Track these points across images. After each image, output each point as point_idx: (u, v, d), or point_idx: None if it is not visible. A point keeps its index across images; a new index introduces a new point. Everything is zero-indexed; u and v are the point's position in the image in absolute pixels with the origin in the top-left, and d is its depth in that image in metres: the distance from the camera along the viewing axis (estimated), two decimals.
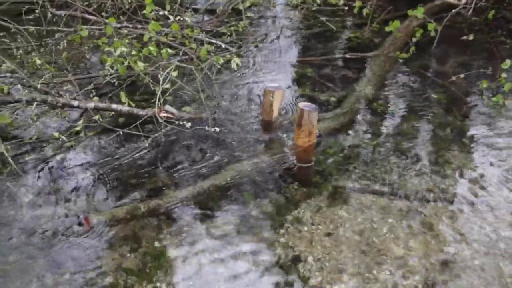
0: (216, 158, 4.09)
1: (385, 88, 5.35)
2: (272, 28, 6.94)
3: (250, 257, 3.16)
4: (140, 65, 4.54)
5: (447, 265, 3.10)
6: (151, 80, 4.58)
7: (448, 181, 3.85)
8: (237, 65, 4.70)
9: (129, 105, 4.46)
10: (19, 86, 4.58)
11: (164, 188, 3.74)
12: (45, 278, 2.98)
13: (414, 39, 5.65)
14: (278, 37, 6.55)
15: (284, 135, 4.37)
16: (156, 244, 3.26)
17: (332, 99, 5.05)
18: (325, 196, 3.72)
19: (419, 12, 5.22)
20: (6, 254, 3.13)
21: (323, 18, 6.96)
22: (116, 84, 4.94)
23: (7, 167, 3.85)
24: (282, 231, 3.38)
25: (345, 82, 5.46)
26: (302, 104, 3.99)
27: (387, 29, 5.56)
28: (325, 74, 5.71)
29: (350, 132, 4.50)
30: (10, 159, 3.73)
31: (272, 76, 5.58)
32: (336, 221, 3.48)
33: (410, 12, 5.34)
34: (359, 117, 4.74)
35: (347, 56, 5.99)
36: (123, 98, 4.42)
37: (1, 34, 5.70)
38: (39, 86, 4.47)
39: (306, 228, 3.40)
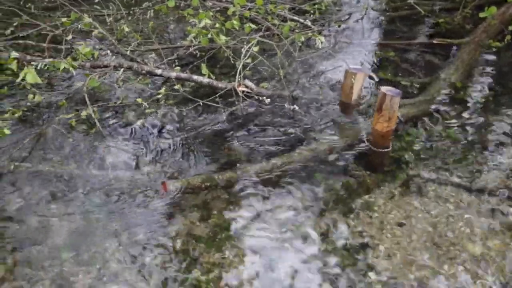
0: (291, 136, 4.09)
1: (473, 77, 5.07)
2: (357, 8, 6.76)
3: (316, 239, 3.15)
4: (222, 38, 4.59)
5: None
6: (232, 54, 4.62)
7: None
8: (321, 43, 4.62)
9: (209, 77, 4.53)
10: (108, 52, 4.78)
11: (237, 161, 3.80)
12: (121, 237, 3.14)
13: (511, 27, 5.29)
14: (362, 18, 6.39)
15: (362, 119, 4.28)
16: (226, 215, 3.33)
17: (415, 85, 4.87)
18: (399, 184, 3.62)
19: None
20: (88, 211, 3.33)
21: (411, 1, 6.67)
22: (198, 55, 5.03)
23: (93, 128, 4.06)
24: (351, 215, 3.33)
25: (430, 69, 5.24)
26: (385, 88, 3.87)
27: (481, 15, 5.24)
28: (408, 59, 5.51)
29: (431, 120, 4.33)
30: (96, 121, 3.92)
31: (353, 57, 5.46)
32: (409, 211, 3.38)
33: None
34: (442, 105, 4.54)
35: (434, 41, 5.72)
36: (204, 70, 4.49)
37: (96, 0, 5.94)
38: (128, 52, 4.64)
39: (376, 215, 3.34)
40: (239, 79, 4.29)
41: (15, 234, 3.14)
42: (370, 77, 4.83)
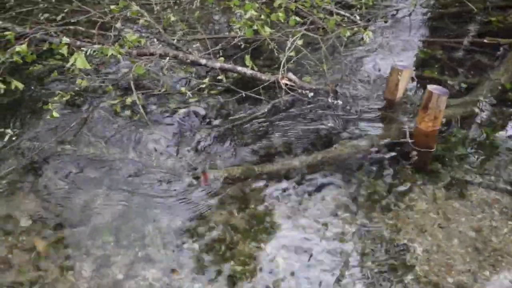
0: (333, 131, 4.05)
1: None
2: (405, 4, 6.59)
3: (354, 235, 3.13)
4: (267, 30, 4.57)
5: None
6: (276, 47, 4.61)
7: None
8: (369, 38, 4.54)
9: (252, 69, 4.53)
10: (154, 40, 4.85)
11: (277, 154, 3.80)
12: (160, 223, 3.20)
13: None
14: (410, 14, 6.23)
15: (406, 117, 4.19)
16: (264, 207, 3.34)
17: (462, 85, 4.73)
18: (442, 185, 3.55)
19: None
20: (129, 195, 3.40)
21: None
22: (242, 47, 5.04)
23: (137, 115, 4.13)
24: (391, 214, 3.29)
25: (479, 69, 5.07)
26: (432, 87, 3.78)
27: None
28: (456, 58, 5.35)
29: (477, 122, 4.21)
30: (140, 108, 3.99)
31: (399, 54, 5.34)
32: (450, 213, 3.31)
33: None
34: (490, 107, 4.40)
35: (485, 41, 5.53)
36: (248, 61, 4.49)
37: None
38: (175, 41, 4.69)
39: (417, 216, 3.28)
40: (282, 72, 4.28)
41: (59, 214, 3.25)
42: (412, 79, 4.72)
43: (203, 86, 4.49)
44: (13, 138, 3.80)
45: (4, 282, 2.77)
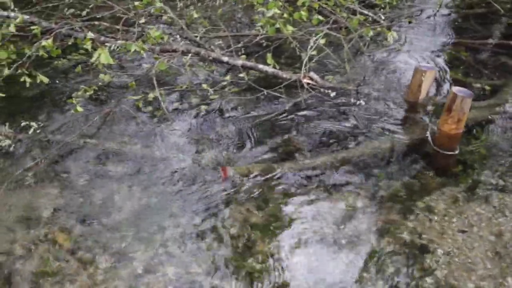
0: (354, 131, 4.03)
1: None
2: (429, 4, 6.52)
3: (373, 237, 3.10)
4: (290, 28, 4.56)
5: None
6: (298, 45, 4.60)
7: None
8: (393, 38, 4.50)
9: (274, 67, 4.53)
10: (177, 36, 4.88)
11: (297, 152, 3.79)
12: (179, 218, 3.22)
13: None
14: (434, 15, 6.16)
15: (428, 119, 4.15)
16: (283, 205, 3.33)
17: (487, 87, 4.66)
18: (463, 189, 3.50)
19: None
20: (150, 190, 3.43)
21: None
22: (264, 45, 5.04)
23: (158, 110, 4.17)
24: (411, 217, 3.26)
25: (505, 71, 4.99)
26: (456, 89, 3.73)
27: None
28: (481, 60, 5.27)
29: (502, 125, 4.14)
30: (162, 104, 4.02)
31: (422, 55, 5.29)
32: (472, 217, 3.26)
33: None
34: None
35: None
36: (269, 59, 4.49)
37: None
38: (198, 38, 4.71)
39: (437, 219, 3.24)
40: (304, 71, 4.27)
41: (81, 206, 3.29)
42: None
43: (225, 83, 4.50)
44: (38, 131, 3.86)
45: (26, 272, 2.82)
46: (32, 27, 4.44)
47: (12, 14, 4.58)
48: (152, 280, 2.80)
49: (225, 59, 4.59)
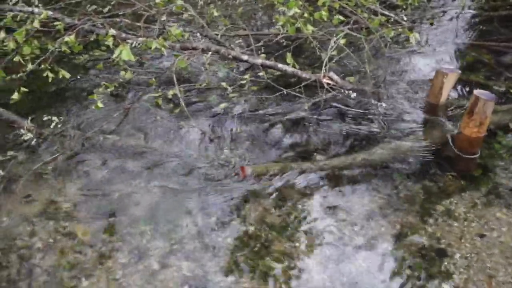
0: (373, 132, 4.00)
1: None
2: (452, 6, 6.44)
3: (390, 240, 3.08)
4: (310, 28, 4.54)
5: None
6: (318, 45, 4.58)
7: None
8: (415, 39, 4.44)
9: (293, 67, 4.52)
10: (198, 34, 4.90)
11: (316, 152, 3.78)
12: (196, 216, 3.23)
13: None
14: (457, 16, 6.08)
15: (449, 122, 4.10)
16: (300, 205, 3.33)
17: (510, 90, 4.58)
18: (484, 193, 3.45)
19: None
20: (167, 187, 3.45)
21: None
22: (284, 44, 5.03)
23: (177, 108, 4.18)
24: (430, 220, 3.22)
25: None
26: (478, 92, 3.68)
27: None
28: (504, 63, 5.18)
29: None
30: (181, 101, 4.04)
31: (443, 57, 5.23)
32: (492, 222, 3.21)
33: None
34: None
35: None
36: (289, 59, 4.48)
37: None
38: (219, 36, 4.72)
39: (456, 223, 3.20)
40: (324, 71, 4.24)
41: (99, 201, 3.32)
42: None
43: (244, 82, 4.50)
44: (59, 126, 3.90)
45: (45, 265, 2.85)
46: (55, 23, 4.49)
47: (36, 10, 4.64)
48: (168, 277, 2.82)
49: (245, 57, 4.59)
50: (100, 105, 3.88)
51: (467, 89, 4.60)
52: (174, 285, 2.77)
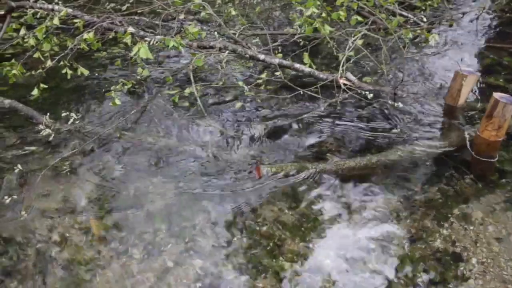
0: (389, 134, 3.98)
1: None
2: (472, 8, 6.37)
3: (405, 242, 3.06)
4: (327, 28, 4.52)
5: None
6: (335, 45, 4.55)
7: None
8: (435, 41, 4.40)
9: (310, 67, 4.50)
10: (216, 33, 4.91)
11: (332, 153, 3.76)
12: (211, 215, 3.24)
13: None
14: (477, 18, 6.01)
15: (467, 124, 4.05)
16: (314, 206, 3.32)
17: None
18: (502, 197, 3.41)
19: None
20: (182, 185, 3.46)
21: None
22: (301, 44, 5.02)
23: (194, 106, 4.20)
24: (445, 224, 3.19)
25: None
26: (498, 95, 3.63)
27: None
28: None
29: None
30: (198, 99, 4.05)
31: (462, 58, 5.17)
32: (509, 227, 3.17)
33: None
34: None
35: None
36: (306, 59, 4.47)
37: None
38: (237, 36, 4.72)
39: (473, 228, 3.16)
40: (341, 71, 4.22)
41: (115, 197, 3.35)
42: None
43: (260, 81, 4.50)
44: (77, 122, 3.95)
45: (61, 259, 2.89)
46: (74, 21, 4.53)
47: (57, 7, 4.69)
48: (181, 274, 2.83)
49: (262, 57, 4.59)
50: (117, 102, 3.91)
51: (486, 91, 4.53)
52: (187, 282, 2.78)
